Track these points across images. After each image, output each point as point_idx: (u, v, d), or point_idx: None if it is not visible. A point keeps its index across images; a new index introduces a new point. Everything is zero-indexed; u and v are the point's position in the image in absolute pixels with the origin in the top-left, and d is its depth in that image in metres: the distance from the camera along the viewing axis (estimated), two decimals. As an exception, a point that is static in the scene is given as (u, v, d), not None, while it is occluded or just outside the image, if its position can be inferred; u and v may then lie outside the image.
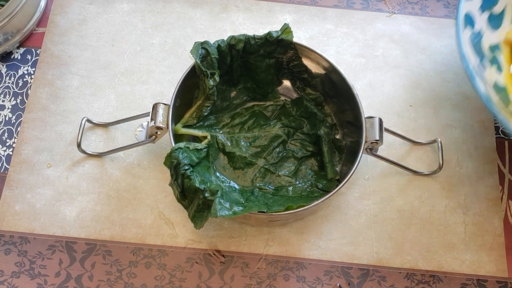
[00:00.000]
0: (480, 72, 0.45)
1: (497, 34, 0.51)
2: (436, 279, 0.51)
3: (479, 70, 0.46)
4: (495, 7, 0.51)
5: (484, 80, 0.45)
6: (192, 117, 0.51)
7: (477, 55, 0.47)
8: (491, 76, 0.48)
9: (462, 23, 0.46)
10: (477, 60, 0.46)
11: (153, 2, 0.63)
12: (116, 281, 0.50)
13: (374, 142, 0.48)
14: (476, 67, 0.45)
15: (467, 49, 0.46)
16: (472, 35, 0.47)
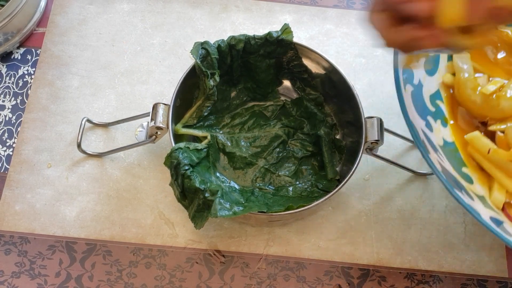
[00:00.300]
0: (429, 139, 0.45)
1: (435, 78, 0.50)
2: (436, 279, 0.51)
3: (427, 136, 0.45)
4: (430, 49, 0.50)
5: (435, 149, 0.44)
6: (192, 117, 0.51)
7: (422, 115, 0.46)
8: (439, 136, 0.47)
9: (403, 82, 0.44)
10: (423, 122, 0.45)
11: (153, 2, 0.63)
12: (116, 281, 0.50)
13: (374, 142, 0.48)
14: (424, 132, 0.44)
15: (412, 112, 0.44)
16: (413, 91, 0.46)
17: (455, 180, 0.43)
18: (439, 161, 0.43)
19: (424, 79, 0.48)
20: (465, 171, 0.46)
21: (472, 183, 0.45)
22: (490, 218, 0.41)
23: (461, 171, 0.46)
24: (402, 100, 0.43)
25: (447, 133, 0.48)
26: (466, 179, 0.45)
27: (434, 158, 0.42)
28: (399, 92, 0.43)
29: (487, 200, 0.45)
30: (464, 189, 0.43)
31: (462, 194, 0.41)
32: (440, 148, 0.45)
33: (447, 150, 0.47)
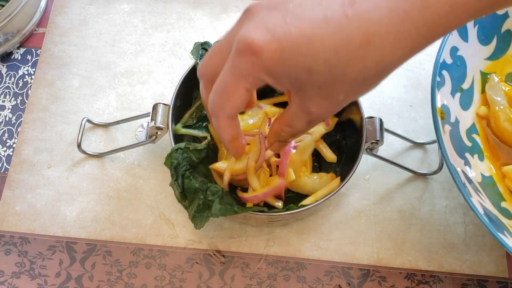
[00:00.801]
0: (469, 178, 0.45)
1: (470, 112, 0.50)
2: (437, 279, 0.51)
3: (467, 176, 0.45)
4: (464, 83, 0.50)
5: (475, 188, 0.44)
6: (192, 117, 0.51)
7: (460, 154, 0.46)
8: (477, 171, 0.47)
9: (441, 123, 0.45)
10: (462, 161, 0.46)
11: (154, 3, 0.63)
12: (117, 282, 0.50)
13: (375, 142, 0.48)
14: (464, 172, 0.45)
15: (452, 153, 0.44)
16: (451, 130, 0.46)
17: (497, 219, 0.43)
18: (480, 201, 0.43)
19: (460, 115, 0.49)
20: (504, 205, 0.47)
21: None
22: None
23: (500, 206, 0.46)
24: (443, 143, 0.43)
25: (484, 167, 0.48)
26: (505, 215, 0.46)
27: (475, 200, 0.42)
28: (439, 136, 0.43)
29: None
30: (506, 228, 0.43)
31: (505, 236, 0.41)
32: (479, 185, 0.46)
33: (485, 185, 0.47)
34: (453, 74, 0.48)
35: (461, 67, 0.49)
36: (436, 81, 0.46)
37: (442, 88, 0.47)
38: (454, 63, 0.48)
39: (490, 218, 0.42)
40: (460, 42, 0.48)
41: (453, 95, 0.48)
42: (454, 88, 0.48)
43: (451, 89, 0.48)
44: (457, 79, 0.49)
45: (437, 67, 0.46)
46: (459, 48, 0.48)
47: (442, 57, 0.47)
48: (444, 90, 0.47)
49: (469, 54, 0.50)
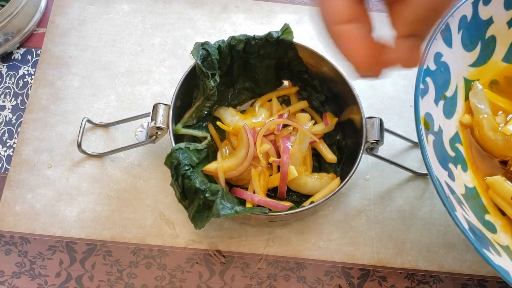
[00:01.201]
0: (453, 190, 0.43)
1: (454, 120, 0.49)
2: (437, 279, 0.51)
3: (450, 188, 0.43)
4: (447, 91, 0.48)
5: (459, 201, 0.43)
6: (192, 117, 0.51)
7: (444, 165, 0.45)
8: (460, 183, 0.46)
9: (424, 133, 0.42)
10: (445, 173, 0.44)
11: (153, 3, 0.63)
12: (117, 282, 0.50)
13: (375, 142, 0.48)
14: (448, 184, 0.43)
15: (435, 164, 0.43)
16: (434, 140, 0.45)
17: (481, 234, 0.42)
18: (464, 215, 0.42)
19: (443, 123, 0.47)
20: (488, 218, 0.46)
21: (496, 232, 0.45)
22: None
23: (484, 219, 0.45)
24: (426, 155, 0.41)
25: (467, 178, 0.47)
26: (489, 228, 0.45)
27: (460, 214, 0.41)
28: (423, 146, 0.42)
29: (511, 249, 0.44)
30: (491, 244, 0.42)
31: (491, 253, 0.40)
32: (462, 197, 0.45)
33: (469, 197, 0.46)
34: (436, 81, 0.46)
35: (445, 73, 0.48)
36: (420, 88, 0.44)
37: (425, 96, 0.45)
38: (438, 69, 0.47)
39: (475, 233, 0.41)
40: (444, 48, 0.47)
41: (437, 103, 0.47)
42: (438, 95, 0.47)
43: (435, 97, 0.46)
44: (440, 86, 0.47)
45: (421, 74, 0.44)
46: (443, 54, 0.47)
47: (425, 63, 0.45)
48: (427, 98, 0.45)
49: (453, 60, 0.48)
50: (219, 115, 0.53)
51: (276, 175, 0.49)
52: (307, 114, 0.51)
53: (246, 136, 0.47)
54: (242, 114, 0.53)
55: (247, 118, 0.52)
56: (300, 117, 0.50)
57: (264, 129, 0.49)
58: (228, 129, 0.51)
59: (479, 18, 0.49)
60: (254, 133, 0.49)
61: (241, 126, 0.49)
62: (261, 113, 0.53)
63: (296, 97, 0.55)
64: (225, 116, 0.52)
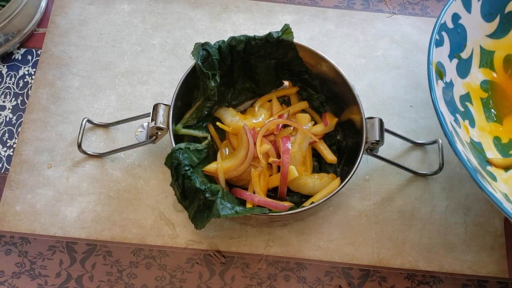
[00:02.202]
0: (457, 132, 0.45)
1: (466, 82, 0.51)
2: (437, 280, 0.51)
3: (455, 129, 0.45)
4: (463, 53, 0.50)
5: (462, 142, 0.45)
6: (192, 117, 0.51)
7: (452, 111, 0.47)
8: (466, 134, 0.47)
9: (435, 76, 0.45)
10: (452, 118, 0.46)
11: (154, 3, 0.63)
12: (117, 282, 0.50)
13: (375, 142, 0.48)
14: (452, 125, 0.45)
15: (442, 106, 0.45)
16: (444, 88, 0.47)
17: (480, 172, 0.44)
18: (464, 151, 0.43)
19: (456, 79, 0.49)
20: (490, 169, 0.47)
21: (496, 181, 0.46)
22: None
23: (486, 169, 0.46)
24: (434, 90, 0.43)
25: (474, 133, 0.49)
26: (490, 176, 0.46)
27: (460, 148, 0.42)
28: (431, 83, 0.44)
29: (509, 197, 0.45)
30: (488, 182, 0.43)
31: (486, 183, 0.41)
32: (467, 144, 0.46)
33: (474, 148, 0.47)
34: (452, 39, 0.48)
35: (461, 35, 0.49)
36: (435, 38, 0.46)
37: (440, 47, 0.47)
38: (455, 29, 0.49)
39: (473, 167, 0.42)
40: (463, 11, 0.49)
41: (451, 59, 0.49)
42: (453, 53, 0.49)
43: (449, 53, 0.48)
44: (456, 45, 0.49)
45: (437, 26, 0.46)
46: (461, 16, 0.49)
47: (443, 18, 0.47)
48: (442, 50, 0.47)
49: (471, 26, 0.50)
50: (219, 115, 0.53)
51: (276, 175, 0.49)
52: (307, 115, 0.51)
53: (245, 137, 0.47)
54: (242, 114, 0.53)
55: (247, 119, 0.52)
56: (300, 117, 0.50)
57: (264, 129, 0.49)
58: (228, 129, 0.51)
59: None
60: (254, 133, 0.48)
61: (241, 126, 0.49)
62: (261, 113, 0.53)
63: (296, 97, 0.55)
64: (225, 116, 0.52)
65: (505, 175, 0.47)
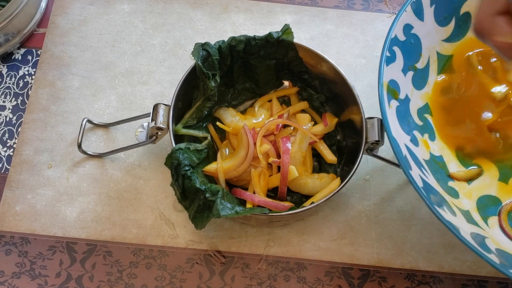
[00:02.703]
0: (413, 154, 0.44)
1: (424, 92, 0.49)
2: (437, 280, 0.51)
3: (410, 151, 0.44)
4: (418, 63, 0.49)
5: (419, 164, 0.44)
6: (192, 117, 0.51)
7: (407, 130, 0.45)
8: (424, 150, 0.46)
9: (386, 98, 0.44)
10: (408, 137, 0.45)
11: (154, 3, 0.63)
12: (117, 282, 0.50)
13: (375, 142, 0.48)
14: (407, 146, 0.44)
15: (396, 128, 0.43)
16: (398, 106, 0.45)
17: (439, 195, 0.43)
18: (421, 176, 0.42)
19: (412, 93, 0.48)
20: (451, 185, 0.46)
21: (458, 197, 0.45)
22: (471, 234, 0.40)
23: (447, 185, 0.46)
24: (386, 116, 0.43)
25: (435, 147, 0.48)
26: (451, 193, 0.45)
27: (415, 174, 0.41)
28: (383, 109, 0.43)
29: (471, 215, 0.44)
30: (447, 204, 0.42)
31: (444, 211, 0.40)
32: (425, 162, 0.45)
33: (433, 163, 0.46)
34: (406, 51, 0.47)
35: (415, 45, 0.48)
36: (385, 55, 0.45)
37: (392, 64, 0.46)
38: (408, 40, 0.47)
39: (430, 192, 0.42)
40: (415, 20, 0.47)
41: (405, 72, 0.47)
42: (407, 66, 0.47)
43: (403, 66, 0.47)
44: (410, 57, 0.48)
45: (388, 42, 0.45)
46: (413, 26, 0.47)
47: (394, 32, 0.45)
48: (394, 66, 0.46)
49: (425, 34, 0.48)
50: (219, 115, 0.53)
51: (276, 176, 0.49)
52: (307, 115, 0.51)
53: (245, 137, 0.47)
54: (242, 114, 0.53)
55: (247, 119, 0.52)
56: (300, 117, 0.50)
57: (264, 129, 0.49)
58: (228, 129, 0.51)
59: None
60: (254, 133, 0.48)
61: (241, 126, 0.49)
62: (261, 113, 0.53)
63: (296, 97, 0.55)
64: (225, 116, 0.52)
65: (468, 188, 0.47)
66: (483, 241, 0.40)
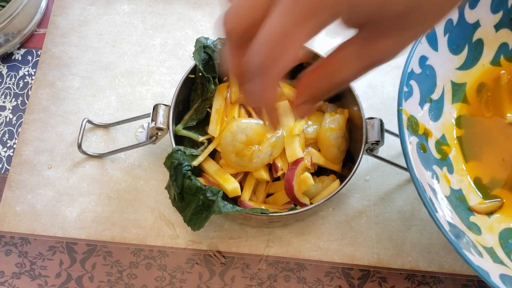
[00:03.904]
0: (435, 192, 0.43)
1: (440, 123, 0.49)
2: (437, 280, 0.51)
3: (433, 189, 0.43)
4: (434, 94, 0.48)
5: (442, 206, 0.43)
6: (192, 118, 0.51)
7: (427, 166, 0.44)
8: (445, 185, 0.45)
9: (407, 135, 0.42)
10: (429, 174, 0.44)
11: (154, 3, 0.63)
12: (117, 282, 0.50)
13: (375, 143, 0.48)
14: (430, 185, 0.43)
15: (418, 166, 0.42)
16: (418, 143, 0.44)
17: (464, 235, 0.42)
18: (446, 218, 0.42)
19: (429, 125, 0.47)
20: (473, 220, 0.46)
21: (480, 233, 0.45)
22: (500, 276, 0.40)
23: (469, 221, 0.45)
24: (409, 157, 0.41)
25: (454, 180, 0.47)
26: (473, 230, 0.45)
27: (440, 215, 0.41)
28: (405, 149, 0.41)
29: (496, 252, 0.44)
30: (473, 245, 0.42)
31: (471, 253, 0.40)
32: (446, 199, 0.44)
33: (454, 198, 0.46)
34: (422, 84, 0.46)
35: (430, 77, 0.48)
36: (404, 91, 0.44)
37: (409, 99, 0.45)
38: (423, 72, 0.47)
39: (457, 235, 0.41)
40: (430, 51, 0.47)
41: (422, 106, 0.47)
42: (423, 98, 0.47)
43: (420, 100, 0.46)
44: (426, 89, 0.47)
45: (405, 77, 0.44)
46: (428, 57, 0.47)
47: (410, 66, 0.45)
48: (412, 101, 0.45)
49: (439, 64, 0.48)
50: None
51: (279, 183, 0.49)
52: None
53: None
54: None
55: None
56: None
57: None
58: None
59: (465, 22, 0.49)
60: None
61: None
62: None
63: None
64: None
65: (489, 221, 0.46)
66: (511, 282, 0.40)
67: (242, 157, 0.46)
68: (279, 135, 0.47)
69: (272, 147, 0.46)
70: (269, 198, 0.50)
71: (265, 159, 0.46)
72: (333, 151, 0.49)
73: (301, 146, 0.48)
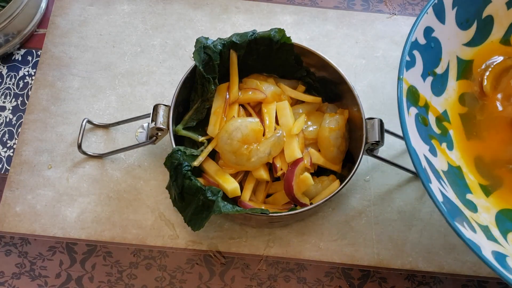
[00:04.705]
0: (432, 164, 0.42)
1: (443, 99, 0.47)
2: (437, 280, 0.51)
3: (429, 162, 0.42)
4: (438, 68, 0.46)
5: (438, 176, 0.42)
6: (192, 118, 0.51)
7: (426, 140, 0.43)
8: (443, 160, 0.44)
9: (406, 104, 0.41)
10: (426, 147, 0.42)
11: (154, 3, 0.63)
12: (117, 282, 0.50)
13: (375, 143, 0.48)
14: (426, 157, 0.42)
15: (415, 137, 0.41)
16: (417, 114, 0.43)
17: (458, 210, 0.41)
18: (441, 189, 0.41)
19: (431, 99, 0.46)
20: (470, 198, 0.44)
21: (476, 211, 0.44)
22: (492, 253, 0.39)
23: (465, 198, 0.44)
24: (405, 125, 0.40)
25: (453, 157, 0.46)
26: (470, 207, 0.43)
27: (435, 187, 0.40)
28: (402, 117, 0.40)
29: (491, 230, 0.43)
30: (467, 220, 0.41)
31: (464, 227, 0.39)
32: (443, 173, 0.43)
33: (451, 175, 0.44)
34: (425, 56, 0.45)
35: (435, 49, 0.46)
36: (405, 60, 0.42)
37: (411, 69, 0.43)
38: (428, 44, 0.45)
39: (451, 208, 0.40)
40: (436, 23, 0.45)
41: (424, 78, 0.45)
42: (426, 71, 0.45)
43: (422, 72, 0.45)
44: (430, 61, 0.45)
45: (408, 45, 0.42)
46: (435, 29, 0.45)
47: (414, 35, 0.43)
48: (414, 71, 0.43)
49: (445, 38, 0.46)
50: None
51: (279, 184, 0.49)
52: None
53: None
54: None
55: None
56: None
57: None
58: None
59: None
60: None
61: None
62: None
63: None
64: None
65: (486, 201, 0.45)
66: (504, 260, 0.39)
67: (240, 156, 0.46)
68: (278, 135, 0.47)
69: (271, 146, 0.46)
70: (269, 198, 0.50)
71: (263, 158, 0.46)
72: (333, 151, 0.49)
73: (301, 146, 0.48)
